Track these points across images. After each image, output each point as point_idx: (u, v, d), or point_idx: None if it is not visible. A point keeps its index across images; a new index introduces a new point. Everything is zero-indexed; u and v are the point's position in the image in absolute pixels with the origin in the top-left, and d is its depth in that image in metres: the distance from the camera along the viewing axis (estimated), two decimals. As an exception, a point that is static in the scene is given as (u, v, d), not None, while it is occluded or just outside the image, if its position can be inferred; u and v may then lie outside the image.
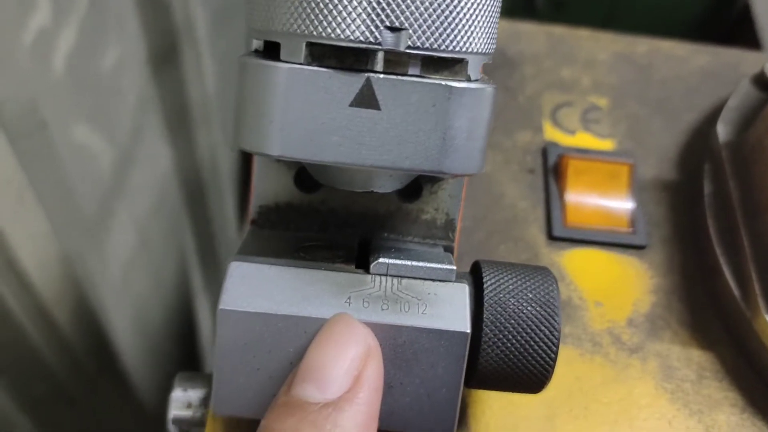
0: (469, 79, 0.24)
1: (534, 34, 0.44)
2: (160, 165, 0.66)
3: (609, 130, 0.41)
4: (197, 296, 0.83)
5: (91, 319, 0.52)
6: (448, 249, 0.30)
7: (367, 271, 0.26)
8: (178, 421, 0.34)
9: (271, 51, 0.24)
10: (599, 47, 0.44)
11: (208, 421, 0.31)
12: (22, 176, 0.41)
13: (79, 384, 0.54)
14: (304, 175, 0.29)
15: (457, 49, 0.23)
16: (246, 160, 0.89)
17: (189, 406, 0.33)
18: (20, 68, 0.40)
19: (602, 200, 0.38)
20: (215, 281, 0.87)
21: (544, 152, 0.40)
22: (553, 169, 0.39)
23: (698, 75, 0.44)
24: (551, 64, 0.43)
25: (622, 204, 0.38)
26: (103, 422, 0.60)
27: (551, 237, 0.37)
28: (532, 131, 0.41)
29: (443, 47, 0.23)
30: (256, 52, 0.25)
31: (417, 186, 0.30)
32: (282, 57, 0.23)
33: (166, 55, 0.61)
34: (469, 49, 0.23)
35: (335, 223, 0.30)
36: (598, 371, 0.34)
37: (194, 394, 0.33)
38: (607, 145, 0.41)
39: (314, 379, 0.23)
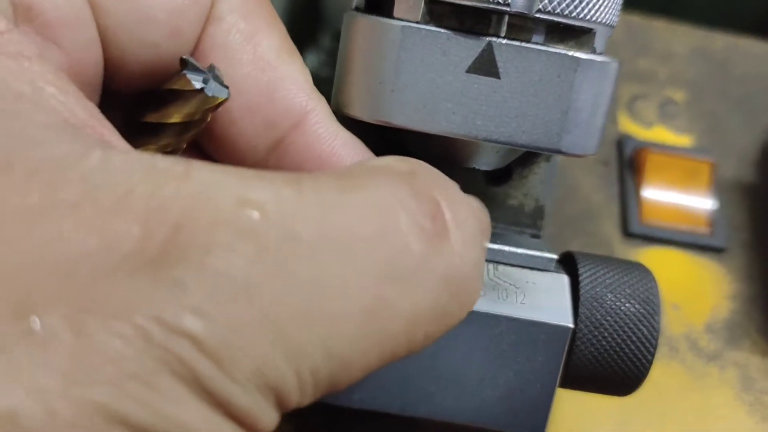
0: (594, 52, 0.22)
1: (609, 21, 0.42)
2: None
3: (686, 125, 0.39)
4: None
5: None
6: (534, 237, 0.28)
7: (459, 254, 0.24)
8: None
9: (379, 6, 0.22)
10: (676, 39, 0.42)
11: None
12: None
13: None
14: (390, 144, 0.27)
15: (588, 17, 0.21)
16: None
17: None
18: None
19: (681, 198, 0.36)
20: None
21: (620, 144, 0.38)
22: (629, 163, 0.37)
23: (777, 74, 0.42)
24: (628, 54, 0.41)
25: (702, 203, 0.36)
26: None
27: (626, 233, 0.35)
28: (608, 121, 0.39)
29: (573, 14, 0.21)
30: (359, 9, 0.23)
31: (506, 169, 0.28)
32: (396, 14, 0.21)
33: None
34: (599, 19, 0.21)
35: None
36: (675, 377, 0.32)
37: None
38: (684, 140, 0.39)
39: None
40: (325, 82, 0.37)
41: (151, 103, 0.21)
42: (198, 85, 0.19)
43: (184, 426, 0.14)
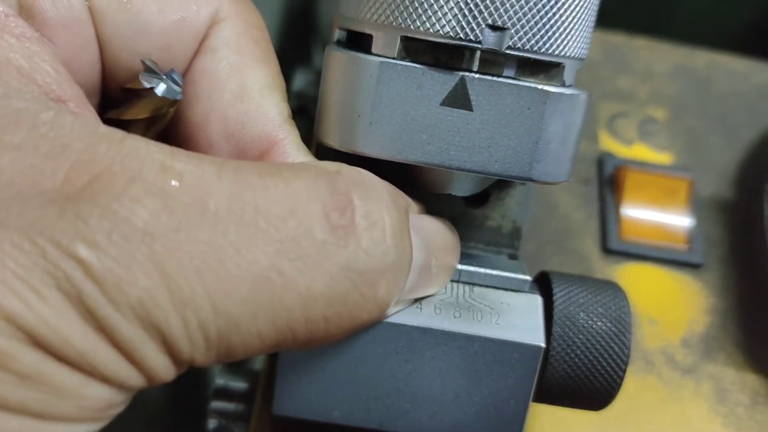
0: (563, 84, 0.23)
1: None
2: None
3: (666, 142, 0.40)
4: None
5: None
6: (512, 258, 0.29)
7: (437, 275, 0.25)
8: (217, 413, 0.33)
9: (358, 42, 0.23)
10: (656, 58, 0.43)
11: (254, 418, 0.30)
12: None
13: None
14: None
15: (556, 52, 0.22)
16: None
17: (231, 398, 0.33)
18: None
19: (659, 215, 0.37)
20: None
21: (600, 163, 0.39)
22: (609, 181, 0.38)
23: (757, 92, 0.43)
24: (607, 73, 0.42)
25: (680, 220, 0.37)
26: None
27: (605, 250, 0.36)
28: (587, 140, 0.40)
29: (543, 50, 0.22)
30: (339, 42, 0.24)
31: (484, 192, 0.29)
32: (374, 50, 0.22)
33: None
34: (567, 54, 0.22)
35: (397, 223, 0.29)
36: (651, 390, 0.33)
37: (236, 386, 0.33)
38: (664, 158, 0.40)
39: None
40: (314, 101, 0.38)
41: (114, 102, 0.22)
42: (147, 84, 0.21)
43: (65, 338, 0.16)
